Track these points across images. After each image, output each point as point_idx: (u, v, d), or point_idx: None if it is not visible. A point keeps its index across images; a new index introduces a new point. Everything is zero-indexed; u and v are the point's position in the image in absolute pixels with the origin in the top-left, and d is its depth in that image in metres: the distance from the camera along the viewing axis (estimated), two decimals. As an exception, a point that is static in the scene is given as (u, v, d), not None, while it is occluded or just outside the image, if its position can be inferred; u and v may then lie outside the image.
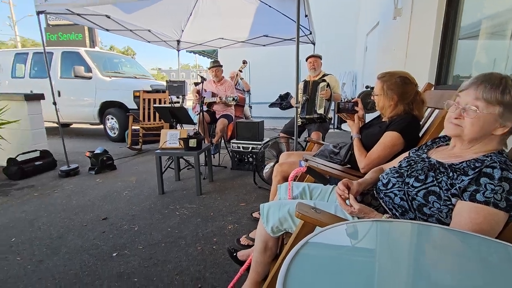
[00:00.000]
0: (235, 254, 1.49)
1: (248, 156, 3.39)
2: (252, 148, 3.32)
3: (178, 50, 5.57)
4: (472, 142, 0.82)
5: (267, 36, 4.90)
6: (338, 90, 3.14)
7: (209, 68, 3.80)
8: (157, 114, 4.57)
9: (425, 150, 1.00)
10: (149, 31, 4.58)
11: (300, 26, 3.97)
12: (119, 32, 4.22)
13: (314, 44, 4.70)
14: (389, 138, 1.31)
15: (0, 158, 3.16)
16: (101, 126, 5.46)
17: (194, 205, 2.42)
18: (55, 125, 5.56)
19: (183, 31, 5.05)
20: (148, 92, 4.85)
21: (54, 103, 3.03)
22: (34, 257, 1.71)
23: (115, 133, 5.22)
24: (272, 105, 7.61)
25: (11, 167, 3.02)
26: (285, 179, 1.65)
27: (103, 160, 3.31)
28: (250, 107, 6.66)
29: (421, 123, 1.45)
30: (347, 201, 0.92)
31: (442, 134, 1.26)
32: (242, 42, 5.33)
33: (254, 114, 7.11)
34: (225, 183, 3.00)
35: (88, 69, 5.06)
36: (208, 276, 1.51)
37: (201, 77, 3.35)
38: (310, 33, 4.26)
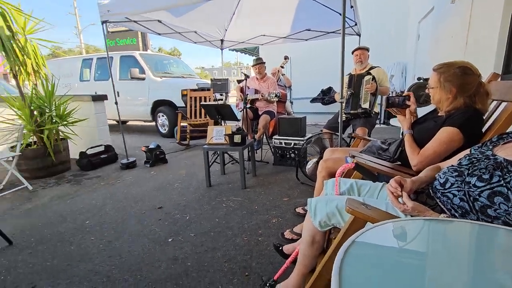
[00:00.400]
0: (280, 248, 1.54)
1: (290, 152, 3.41)
2: (294, 144, 3.33)
3: (222, 49, 5.77)
4: None
5: (309, 30, 4.81)
6: (386, 83, 2.98)
7: (252, 65, 3.87)
8: (202, 111, 4.82)
9: (490, 147, 0.93)
10: (195, 32, 4.82)
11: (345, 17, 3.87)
12: (169, 35, 4.52)
13: (359, 35, 4.49)
14: (446, 133, 1.23)
15: (73, 151, 3.65)
16: (153, 123, 5.93)
17: (239, 198, 2.53)
18: (115, 122, 6.20)
19: (226, 30, 5.21)
20: (194, 90, 5.13)
21: (116, 103, 3.39)
22: (104, 238, 1.96)
23: (165, 129, 5.63)
24: (313, 100, 7.48)
25: (82, 160, 3.47)
26: (330, 175, 1.64)
27: (157, 154, 3.62)
28: (291, 102, 6.63)
29: (484, 117, 1.32)
30: (399, 199, 0.90)
31: (511, 129, 1.14)
32: (283, 38, 5.31)
33: (295, 109, 7.05)
34: (268, 178, 3.06)
35: (142, 71, 5.52)
36: (255, 266, 1.59)
37: (245, 74, 3.45)
38: (356, 24, 4.08)
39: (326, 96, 6.99)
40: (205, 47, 5.77)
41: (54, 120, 3.27)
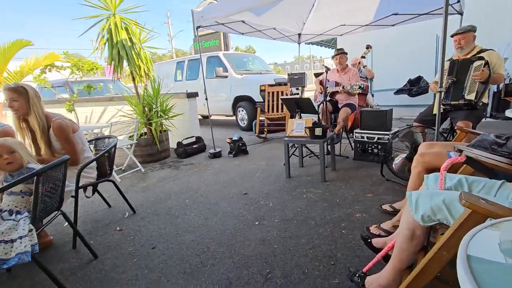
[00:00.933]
0: (369, 240, 1.51)
1: (373, 146, 3.23)
2: (378, 138, 3.14)
3: (299, 43, 5.78)
4: None
5: (396, 14, 4.38)
6: (500, 70, 2.50)
7: (333, 56, 3.78)
8: (279, 105, 4.95)
9: None
10: (274, 29, 4.96)
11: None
12: (250, 33, 4.78)
13: (461, 14, 3.86)
14: None
15: (171, 142, 4.27)
16: (233, 117, 6.39)
17: (319, 191, 2.55)
18: (200, 117, 6.93)
19: (304, 23, 5.20)
20: (272, 85, 5.30)
21: (206, 99, 3.81)
22: (202, 215, 2.28)
23: (244, 123, 6.01)
24: (398, 91, 6.78)
25: (179, 149, 4.04)
26: (427, 170, 1.52)
27: (239, 145, 3.92)
28: (372, 95, 6.18)
29: None
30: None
31: None
32: (365, 25, 4.97)
33: (377, 102, 6.55)
34: (348, 172, 2.98)
35: (225, 69, 5.99)
36: (340, 257, 1.61)
37: (326, 67, 3.40)
38: (458, 1, 3.53)
39: (414, 87, 6.24)
40: (278, 43, 5.88)
41: (159, 115, 3.89)
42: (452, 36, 2.65)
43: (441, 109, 2.58)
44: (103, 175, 2.25)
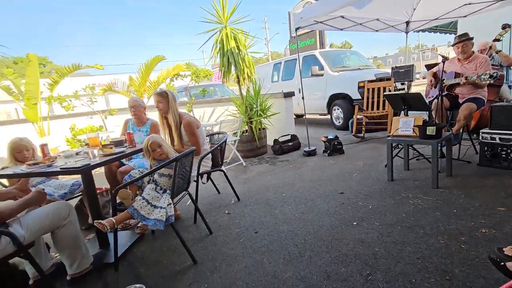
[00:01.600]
0: (502, 263, 1.28)
1: (509, 150, 2.61)
2: (518, 140, 2.51)
3: (407, 32, 5.16)
4: None
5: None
6: None
7: (453, 45, 3.22)
8: (381, 103, 4.57)
9: None
10: (377, 19, 4.60)
11: None
12: (350, 28, 4.59)
13: None
14: None
15: (269, 139, 4.56)
16: (328, 116, 6.27)
17: (430, 197, 2.27)
18: (294, 116, 7.09)
19: (414, 9, 4.61)
20: (372, 81, 4.94)
21: (303, 98, 3.90)
22: (298, 209, 2.38)
23: (339, 122, 5.82)
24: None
25: (275, 146, 4.29)
26: None
27: (335, 144, 3.85)
28: (510, 87, 4.93)
29: None
30: None
31: None
32: (501, 0, 4.01)
33: (517, 96, 5.18)
34: (470, 180, 2.52)
35: (321, 67, 5.94)
36: (458, 273, 1.42)
37: (443, 56, 2.95)
38: None
39: None
40: (377, 35, 5.37)
41: (259, 114, 4.23)
42: None
43: None
44: (216, 165, 2.65)
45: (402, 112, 3.03)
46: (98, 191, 2.22)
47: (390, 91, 4.60)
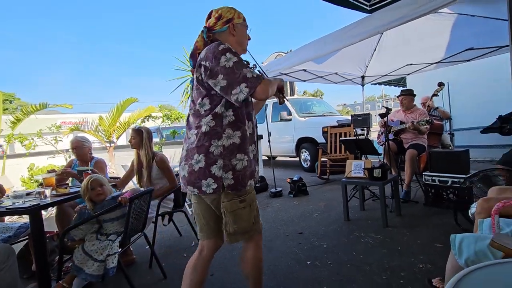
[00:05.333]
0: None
1: (448, 191, 2.89)
2: (453, 182, 2.81)
3: (363, 85, 5.81)
4: None
5: (472, 49, 4.10)
6: None
7: (397, 96, 3.73)
8: (342, 147, 4.92)
9: None
10: (336, 73, 5.19)
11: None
12: (312, 80, 5.11)
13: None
14: None
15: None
16: (297, 158, 6.54)
17: (379, 236, 2.41)
18: (265, 158, 7.31)
19: (367, 66, 5.28)
20: (334, 127, 5.36)
21: (269, 141, 4.13)
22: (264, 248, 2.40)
23: (307, 164, 6.08)
24: (487, 130, 5.86)
25: (242, 187, 4.35)
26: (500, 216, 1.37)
27: (299, 185, 4.01)
28: (452, 134, 5.56)
29: None
30: None
31: None
32: (436, 63, 4.76)
33: (458, 142, 5.82)
34: (416, 219, 2.72)
35: (289, 113, 6.38)
36: (395, 307, 1.50)
37: (386, 108, 3.36)
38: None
39: (507, 125, 5.34)
40: (346, 85, 6.02)
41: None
42: None
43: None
44: (177, 206, 2.66)
45: (365, 155, 3.35)
46: (48, 234, 2.13)
47: (350, 136, 5.00)
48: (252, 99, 1.29)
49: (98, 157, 2.86)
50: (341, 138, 4.01)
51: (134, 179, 2.72)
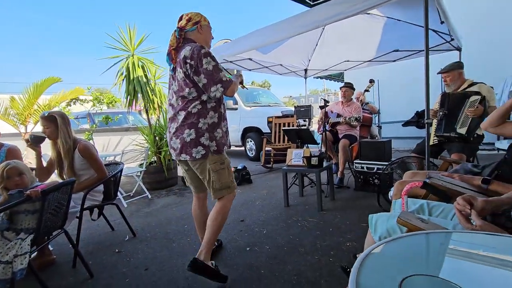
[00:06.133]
0: (348, 270, 1.53)
1: (374, 177, 3.24)
2: (378, 168, 3.16)
3: (306, 78, 6.07)
4: None
5: (397, 51, 4.59)
6: (492, 102, 2.55)
7: (340, 88, 4.00)
8: (286, 136, 5.10)
9: None
10: (281, 65, 5.30)
11: (438, 34, 3.57)
12: (258, 70, 5.13)
13: (459, 50, 4.00)
14: None
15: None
16: (242, 148, 6.58)
17: (314, 219, 2.57)
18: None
19: (309, 60, 5.51)
20: (278, 117, 5.52)
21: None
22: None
23: (252, 153, 6.17)
24: (407, 123, 6.76)
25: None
26: (409, 197, 1.56)
27: (243, 174, 4.04)
28: (380, 127, 6.23)
29: None
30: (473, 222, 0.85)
31: None
32: (368, 61, 5.22)
33: (385, 134, 6.55)
34: (347, 202, 2.99)
35: (235, 102, 6.33)
36: (323, 284, 1.62)
37: (324, 100, 3.57)
38: (452, 39, 3.69)
39: (421, 119, 6.24)
40: (292, 77, 6.22)
41: (168, 144, 4.13)
42: (438, 73, 2.77)
43: (436, 140, 2.63)
44: (109, 198, 2.41)
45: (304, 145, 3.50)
46: None
47: (293, 126, 5.21)
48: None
49: (10, 144, 2.40)
50: (283, 128, 4.15)
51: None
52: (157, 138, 4.13)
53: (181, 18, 1.69)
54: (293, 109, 6.42)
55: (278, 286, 1.63)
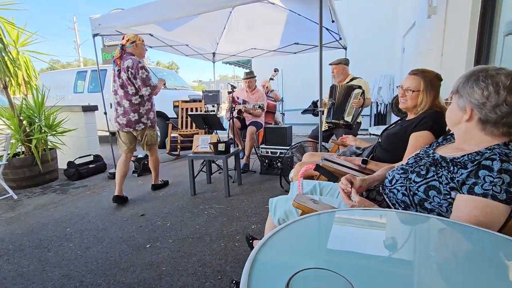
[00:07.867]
0: (251, 241, 1.57)
1: (277, 160, 3.46)
2: (280, 153, 3.38)
3: (214, 62, 5.92)
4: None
5: (298, 44, 4.97)
6: (368, 95, 3.06)
7: (243, 79, 3.99)
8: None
9: (434, 147, 0.98)
10: (187, 45, 4.96)
11: (329, 32, 4.02)
12: (161, 48, 4.65)
13: (345, 49, 4.65)
14: (422, 138, 1.23)
15: (61, 161, 3.67)
16: (145, 134, 5.97)
17: (221, 206, 2.55)
18: (107, 133, 6.24)
19: (218, 44, 5.36)
20: (186, 101, 5.21)
21: (105, 113, 3.45)
22: (83, 244, 1.97)
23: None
24: (305, 111, 7.56)
25: (69, 169, 3.49)
26: (306, 178, 1.69)
27: (145, 164, 3.64)
28: (283, 114, 6.73)
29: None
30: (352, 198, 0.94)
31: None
32: (273, 51, 5.47)
33: (287, 121, 7.14)
34: (253, 186, 3.09)
35: (135, 83, 5.61)
36: (228, 270, 1.61)
37: (232, 85, 3.54)
38: (340, 38, 4.23)
39: (317, 108, 7.11)
40: (202, 61, 5.94)
41: (43, 130, 3.30)
42: (329, 64, 3.15)
43: (326, 126, 2.97)
44: None
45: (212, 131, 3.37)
46: None
47: (201, 111, 5.02)
48: None
49: None
50: (189, 113, 3.94)
51: None
52: (24, 122, 3.24)
53: (123, 38, 2.58)
54: (201, 93, 6.20)
55: (181, 281, 1.53)
